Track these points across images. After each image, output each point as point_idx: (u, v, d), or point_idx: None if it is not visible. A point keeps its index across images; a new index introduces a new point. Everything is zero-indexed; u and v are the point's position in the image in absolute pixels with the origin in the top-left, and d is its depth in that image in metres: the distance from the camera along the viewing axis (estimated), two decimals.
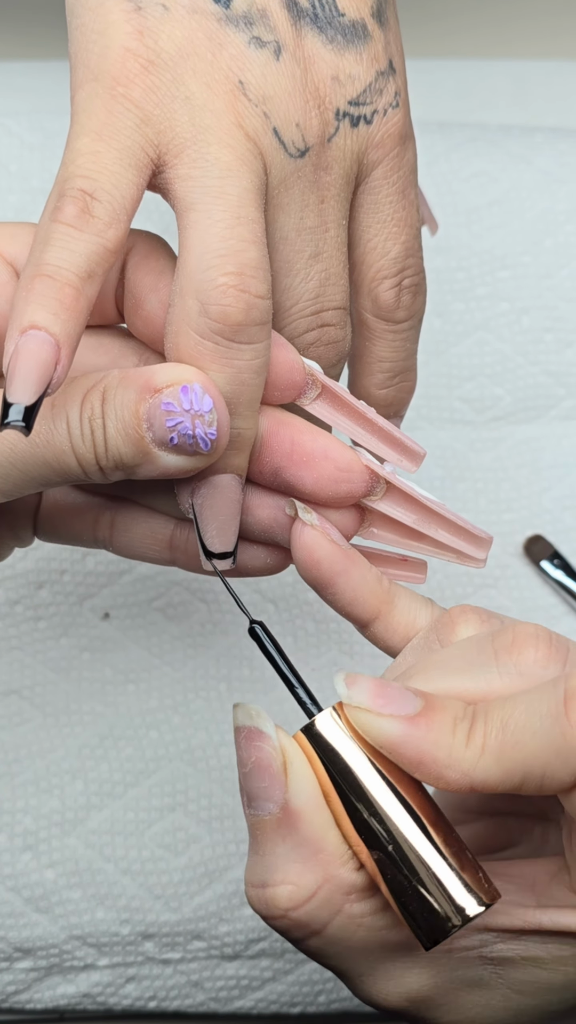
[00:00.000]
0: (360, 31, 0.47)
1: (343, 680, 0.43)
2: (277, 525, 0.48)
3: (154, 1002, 0.65)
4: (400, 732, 0.42)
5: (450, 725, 0.42)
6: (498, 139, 0.77)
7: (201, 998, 0.65)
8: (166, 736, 0.66)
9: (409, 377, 0.52)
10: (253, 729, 0.44)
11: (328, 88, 0.46)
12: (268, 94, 0.45)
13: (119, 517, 0.50)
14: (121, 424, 0.43)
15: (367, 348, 0.51)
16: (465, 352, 0.74)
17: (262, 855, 0.44)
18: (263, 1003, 0.65)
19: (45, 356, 0.41)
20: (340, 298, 0.48)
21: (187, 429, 0.43)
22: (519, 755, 0.41)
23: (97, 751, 0.66)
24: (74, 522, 0.50)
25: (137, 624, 0.68)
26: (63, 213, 0.42)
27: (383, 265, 0.49)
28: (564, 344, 0.74)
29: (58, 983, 0.64)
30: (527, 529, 0.71)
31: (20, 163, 0.75)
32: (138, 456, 0.44)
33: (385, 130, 0.48)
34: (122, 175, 0.43)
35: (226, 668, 0.68)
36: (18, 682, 0.67)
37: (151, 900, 0.64)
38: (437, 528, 0.48)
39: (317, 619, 0.69)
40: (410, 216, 0.49)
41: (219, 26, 0.45)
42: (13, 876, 0.64)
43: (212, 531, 0.46)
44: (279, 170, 0.45)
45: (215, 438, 0.43)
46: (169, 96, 0.44)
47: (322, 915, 0.44)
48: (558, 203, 0.76)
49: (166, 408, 0.43)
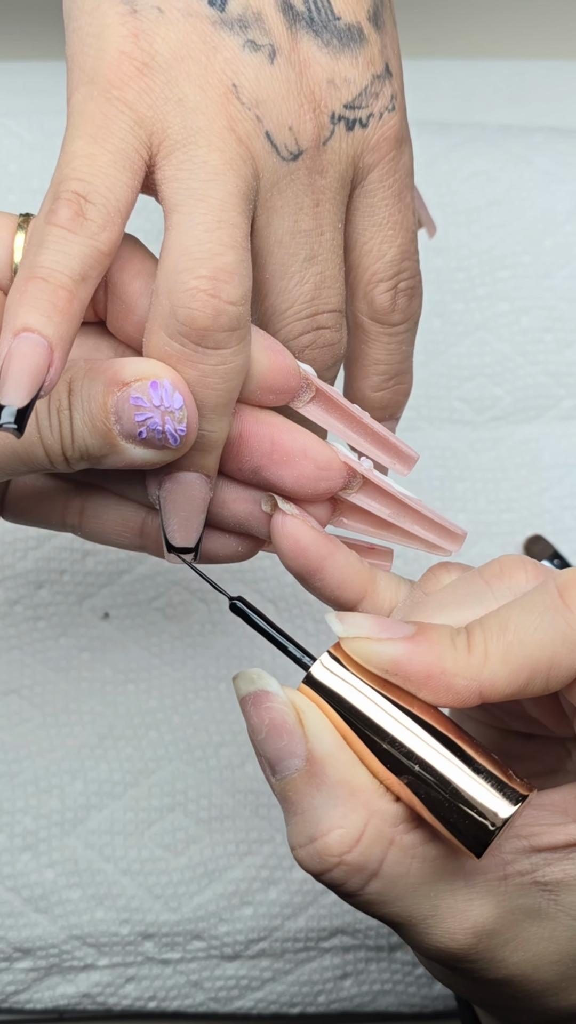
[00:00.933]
0: (356, 35, 0.47)
1: (336, 618, 0.43)
2: (252, 518, 0.48)
3: (154, 1002, 0.65)
4: (403, 651, 0.42)
5: (448, 639, 0.42)
6: (498, 139, 0.77)
7: (201, 998, 0.65)
8: (166, 736, 0.66)
9: (405, 380, 0.53)
10: (259, 692, 0.44)
11: (323, 91, 0.46)
12: (261, 98, 0.45)
13: (89, 503, 0.50)
14: (88, 416, 0.44)
15: (363, 351, 0.51)
16: (465, 352, 0.74)
17: (300, 814, 0.44)
18: (263, 1003, 0.65)
19: (37, 359, 0.41)
20: (336, 301, 0.48)
21: (156, 425, 0.43)
22: (523, 651, 0.42)
23: (97, 751, 0.66)
24: (41, 506, 0.50)
25: (137, 624, 0.68)
26: (57, 216, 0.43)
27: (379, 268, 0.49)
28: (564, 344, 0.74)
29: (58, 983, 0.64)
30: (527, 529, 0.71)
31: (20, 163, 0.75)
32: (105, 447, 0.44)
33: (381, 133, 0.48)
34: (116, 177, 0.43)
35: (226, 668, 0.68)
36: (18, 682, 0.67)
37: (151, 900, 0.64)
38: (412, 523, 0.49)
39: (317, 619, 0.69)
40: (406, 219, 0.49)
41: (214, 29, 0.45)
42: (13, 876, 0.64)
43: (174, 526, 0.47)
44: (271, 173, 0.45)
45: (184, 434, 0.44)
46: (163, 98, 0.44)
47: (376, 851, 0.44)
48: (558, 203, 0.76)
49: (135, 403, 0.43)
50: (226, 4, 0.45)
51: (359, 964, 0.65)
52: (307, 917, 0.65)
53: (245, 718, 0.45)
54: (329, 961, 0.65)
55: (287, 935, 0.64)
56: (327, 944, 0.65)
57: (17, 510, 0.51)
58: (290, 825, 0.44)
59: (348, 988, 0.65)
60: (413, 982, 0.65)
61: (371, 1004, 0.65)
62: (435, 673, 0.42)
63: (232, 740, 0.67)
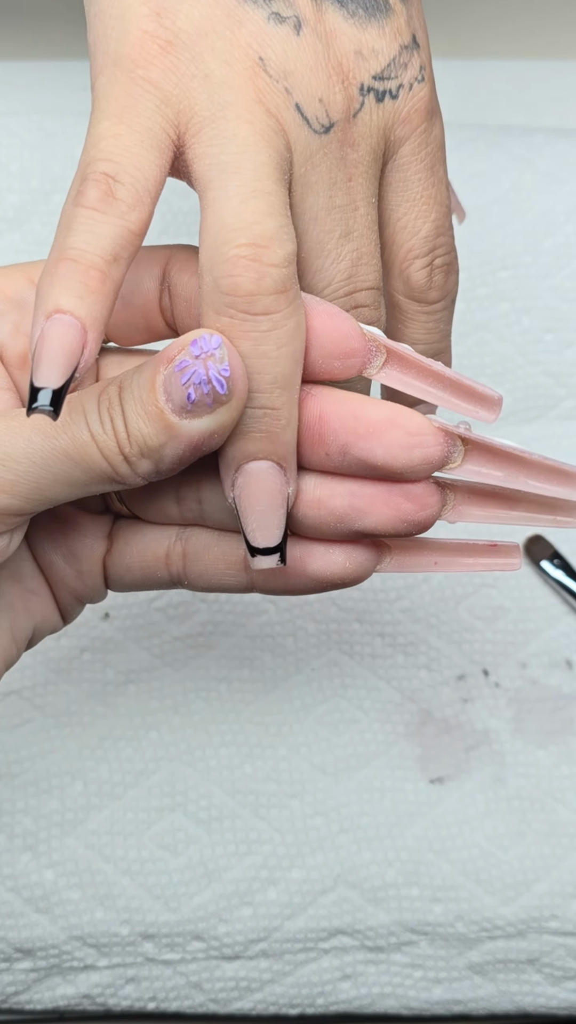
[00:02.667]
0: (382, 5, 0.46)
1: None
2: (355, 512, 0.45)
3: (154, 1003, 0.65)
4: None
5: None
6: (498, 139, 0.77)
7: (200, 999, 0.65)
8: (166, 737, 0.66)
9: (445, 359, 0.51)
10: None
11: (351, 63, 0.45)
12: (289, 69, 0.44)
13: (190, 545, 0.48)
14: (139, 403, 0.42)
15: (400, 331, 0.50)
16: (465, 352, 0.74)
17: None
18: (262, 1004, 0.65)
19: (71, 340, 0.40)
20: (373, 278, 0.47)
21: (200, 375, 0.41)
22: None
23: (97, 752, 0.66)
24: (146, 559, 0.48)
25: (137, 624, 0.68)
26: (86, 197, 0.42)
27: (414, 244, 0.48)
28: (564, 344, 0.74)
29: (58, 984, 0.64)
30: (527, 529, 0.71)
31: (20, 163, 0.75)
32: (160, 433, 0.42)
33: (412, 105, 0.47)
34: (144, 156, 0.43)
35: (226, 669, 0.68)
36: (18, 683, 0.67)
37: (151, 900, 0.64)
38: (526, 479, 0.45)
39: (317, 619, 0.69)
40: (440, 194, 0.48)
41: (237, 3, 0.44)
42: (13, 876, 0.64)
43: (252, 524, 0.44)
44: (304, 147, 0.44)
45: (228, 374, 0.41)
46: (188, 75, 0.43)
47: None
48: (558, 203, 0.76)
49: (179, 368, 0.41)
50: None
51: (359, 966, 0.65)
52: (307, 917, 0.65)
53: None
54: (328, 963, 0.65)
55: (287, 936, 0.64)
56: (326, 945, 0.65)
57: (121, 572, 0.49)
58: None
59: (347, 990, 0.65)
60: (413, 985, 0.65)
61: (370, 1006, 0.65)
62: None
63: (232, 740, 0.67)
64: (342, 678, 0.68)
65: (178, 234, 0.74)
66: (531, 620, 0.70)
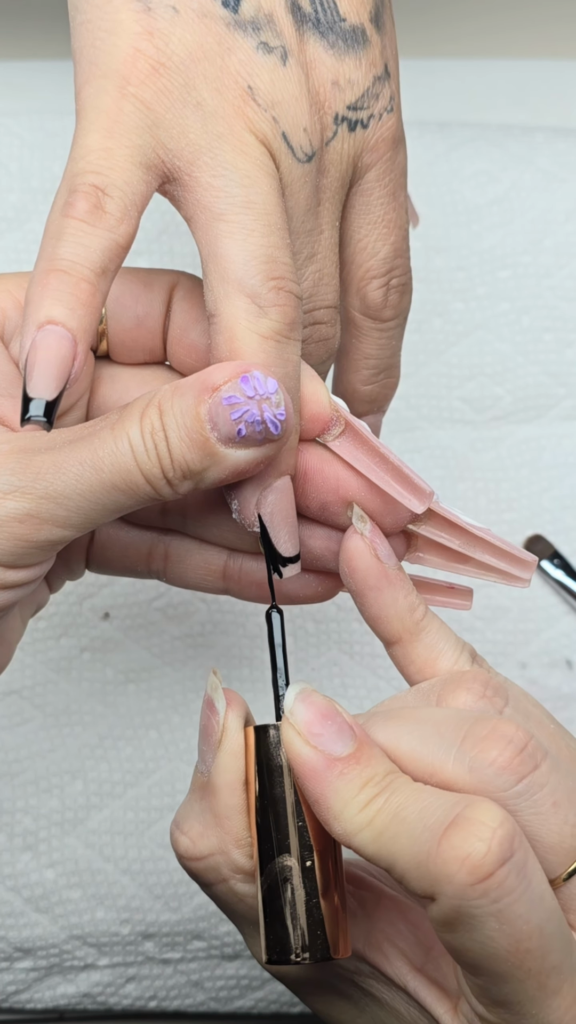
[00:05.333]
0: (359, 36, 0.47)
1: (297, 693, 0.43)
2: (330, 553, 0.48)
3: (154, 1002, 0.65)
4: (313, 767, 0.42)
5: (359, 784, 0.42)
6: (498, 139, 0.77)
7: (201, 998, 0.65)
8: (166, 736, 0.66)
9: (393, 374, 0.53)
10: (209, 699, 0.46)
11: (328, 92, 0.46)
12: (277, 99, 0.45)
13: (173, 549, 0.50)
14: (184, 431, 0.42)
15: (354, 345, 0.52)
16: (465, 352, 0.74)
17: (188, 802, 0.46)
18: (263, 1003, 0.65)
19: (63, 351, 0.41)
20: (332, 297, 0.48)
21: (255, 416, 0.42)
22: (392, 848, 0.41)
23: (97, 751, 0.66)
24: (128, 555, 0.51)
25: (137, 624, 0.68)
26: (75, 208, 0.42)
27: (372, 265, 0.50)
28: (564, 344, 0.74)
29: (58, 983, 0.64)
30: (527, 529, 0.71)
31: (20, 163, 0.75)
32: (205, 459, 0.43)
33: (380, 134, 0.48)
34: (133, 172, 0.43)
35: (226, 668, 0.68)
36: (18, 682, 0.67)
37: (151, 900, 0.64)
38: (482, 552, 0.48)
39: (317, 619, 0.69)
40: (400, 218, 0.50)
41: (228, 31, 0.45)
42: (13, 876, 0.64)
43: (283, 536, 0.46)
44: (288, 174, 0.46)
45: (284, 418, 0.43)
46: (180, 101, 0.44)
47: (209, 876, 0.46)
48: (558, 203, 0.76)
49: (228, 402, 0.42)
50: (239, 5, 0.45)
51: None
52: None
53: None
54: None
55: None
56: None
57: (102, 561, 0.51)
58: (187, 795, 0.47)
59: None
60: None
61: None
62: (322, 806, 0.42)
63: None
64: (342, 678, 0.68)
65: (177, 234, 0.74)
66: (531, 620, 0.70)
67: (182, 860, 0.46)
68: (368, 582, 0.46)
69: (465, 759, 0.42)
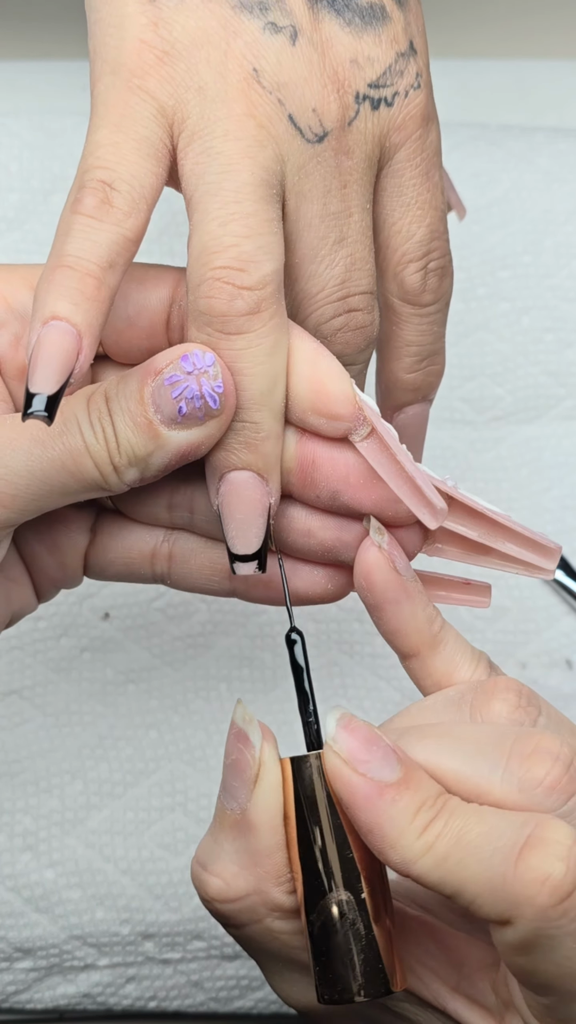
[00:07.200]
0: (378, 12, 0.46)
1: (337, 720, 0.42)
2: (342, 545, 0.47)
3: (154, 1002, 0.65)
4: (364, 795, 0.41)
5: (414, 810, 0.41)
6: (498, 139, 0.77)
7: (201, 998, 0.65)
8: (166, 736, 0.66)
9: (437, 360, 0.52)
10: (242, 731, 0.44)
11: (347, 71, 0.46)
12: (283, 80, 0.44)
13: (177, 548, 0.49)
14: (128, 414, 0.43)
15: (394, 333, 0.50)
16: (465, 352, 0.74)
17: (215, 840, 0.45)
18: (263, 1003, 0.65)
19: (67, 346, 0.41)
20: (367, 283, 0.47)
21: (193, 391, 0.43)
22: (459, 872, 0.40)
23: (97, 751, 0.66)
24: (131, 555, 0.49)
25: (137, 624, 0.68)
26: (83, 204, 0.43)
27: (408, 248, 0.49)
28: (564, 344, 0.74)
29: (58, 983, 0.64)
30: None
31: (20, 163, 0.75)
32: (149, 443, 0.43)
33: (407, 112, 0.47)
34: (141, 164, 0.43)
35: (226, 668, 0.68)
36: (18, 682, 0.67)
37: (151, 900, 0.64)
38: (504, 541, 0.47)
39: (317, 619, 0.69)
40: (435, 198, 0.49)
41: (233, 13, 0.45)
42: (13, 876, 0.64)
43: (232, 531, 0.45)
44: (297, 157, 0.45)
45: (222, 391, 0.43)
46: (183, 86, 0.44)
47: (243, 918, 0.44)
48: (558, 203, 0.76)
49: (170, 382, 0.43)
50: None
51: None
52: None
53: (227, 736, 0.45)
54: None
55: None
56: None
57: (103, 563, 0.50)
58: (206, 835, 0.45)
59: None
60: None
61: None
62: (377, 835, 0.41)
63: None
64: (342, 678, 0.68)
65: (178, 233, 0.74)
66: (531, 620, 0.70)
67: (213, 903, 0.44)
68: (387, 595, 0.45)
69: (513, 779, 0.41)
